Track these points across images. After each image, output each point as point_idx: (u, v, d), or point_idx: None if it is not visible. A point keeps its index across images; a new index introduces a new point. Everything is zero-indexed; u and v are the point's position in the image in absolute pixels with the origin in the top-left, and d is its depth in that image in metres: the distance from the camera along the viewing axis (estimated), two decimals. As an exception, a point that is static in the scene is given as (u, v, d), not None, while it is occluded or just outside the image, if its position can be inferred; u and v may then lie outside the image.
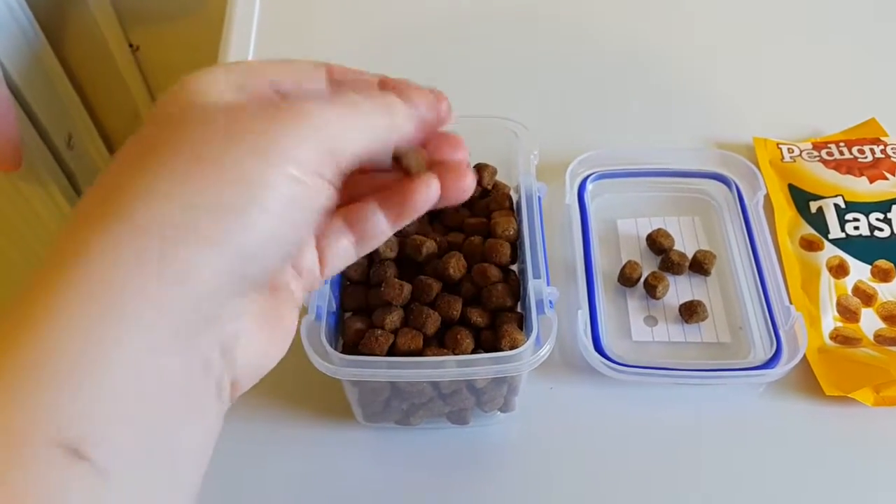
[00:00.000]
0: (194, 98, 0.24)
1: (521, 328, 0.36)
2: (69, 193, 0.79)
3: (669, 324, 0.44)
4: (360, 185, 0.31)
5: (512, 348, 0.33)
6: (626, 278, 0.45)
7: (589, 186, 0.49)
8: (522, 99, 0.57)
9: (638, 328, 0.44)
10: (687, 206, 0.50)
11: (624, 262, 0.46)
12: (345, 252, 0.30)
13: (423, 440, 0.40)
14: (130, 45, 0.83)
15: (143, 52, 0.85)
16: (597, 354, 0.41)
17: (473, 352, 0.35)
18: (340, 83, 0.30)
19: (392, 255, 0.39)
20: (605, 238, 0.48)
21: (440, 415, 0.39)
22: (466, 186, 0.31)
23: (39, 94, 0.74)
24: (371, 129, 0.26)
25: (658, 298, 0.45)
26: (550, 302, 0.36)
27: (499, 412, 0.39)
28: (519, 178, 0.41)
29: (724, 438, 0.41)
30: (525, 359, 0.33)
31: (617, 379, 0.41)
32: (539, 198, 0.41)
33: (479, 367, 0.33)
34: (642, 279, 0.45)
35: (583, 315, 0.42)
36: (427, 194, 0.29)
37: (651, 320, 0.45)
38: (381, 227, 0.30)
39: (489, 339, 0.36)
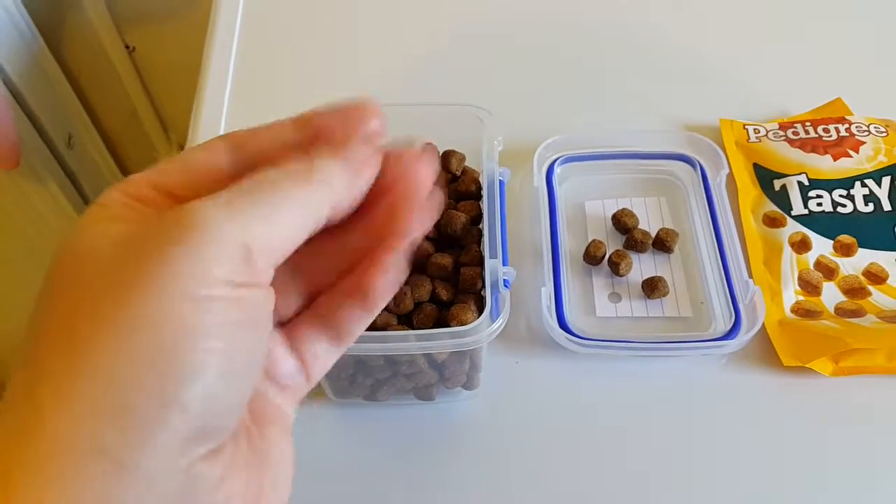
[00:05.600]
0: (80, 257, 0.21)
1: (479, 306, 0.38)
2: (69, 191, 0.81)
3: (633, 300, 0.46)
4: (327, 257, 0.26)
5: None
6: (591, 257, 0.47)
7: (557, 170, 0.51)
8: (491, 85, 0.58)
9: (602, 304, 0.46)
10: (653, 186, 0.51)
11: (589, 241, 0.47)
12: (327, 353, 0.27)
13: (389, 416, 0.42)
14: (127, 47, 0.86)
15: (139, 53, 0.87)
16: (560, 330, 0.42)
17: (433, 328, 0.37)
18: (245, 149, 0.25)
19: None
20: (573, 219, 0.50)
21: (406, 391, 0.40)
22: (424, 175, 0.26)
23: (39, 95, 0.77)
24: (297, 208, 0.22)
25: (622, 275, 0.46)
26: (506, 281, 0.37)
27: (462, 389, 0.41)
28: (482, 163, 0.43)
29: (686, 409, 0.42)
30: (479, 333, 0.35)
31: (581, 353, 0.43)
32: (502, 182, 0.42)
33: (436, 341, 0.34)
34: (607, 257, 0.47)
35: (547, 292, 0.44)
36: (388, 277, 0.25)
37: (615, 297, 0.46)
38: (355, 317, 0.26)
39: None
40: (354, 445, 0.41)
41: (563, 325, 0.43)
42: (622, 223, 0.48)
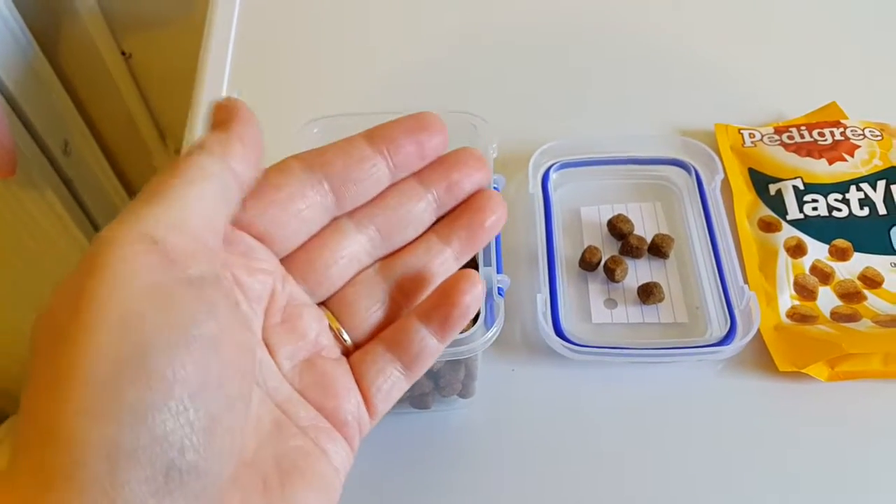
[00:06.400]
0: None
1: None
2: (66, 198, 0.81)
3: (629, 306, 0.46)
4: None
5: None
6: (587, 263, 0.47)
7: (553, 176, 0.51)
8: (486, 91, 0.58)
9: (598, 310, 0.46)
10: (649, 192, 0.51)
11: (585, 247, 0.47)
12: (394, 384, 0.27)
13: (385, 424, 0.41)
14: (123, 53, 0.86)
15: (136, 59, 0.87)
16: (555, 336, 0.42)
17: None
18: (321, 168, 0.26)
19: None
20: (569, 225, 0.50)
21: (402, 399, 0.40)
22: (499, 220, 0.28)
23: (34, 102, 0.77)
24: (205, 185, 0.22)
25: (617, 281, 0.46)
26: (500, 289, 0.37)
27: (458, 397, 0.41)
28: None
29: (683, 415, 0.42)
30: (472, 342, 0.35)
31: (577, 360, 0.43)
32: (496, 189, 0.42)
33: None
34: (602, 263, 0.47)
35: (542, 299, 0.44)
36: (472, 295, 0.25)
37: (611, 303, 0.46)
38: (429, 345, 0.26)
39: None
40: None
41: (558, 331, 0.43)
42: (618, 229, 0.48)
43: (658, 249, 0.47)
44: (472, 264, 0.39)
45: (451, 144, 0.45)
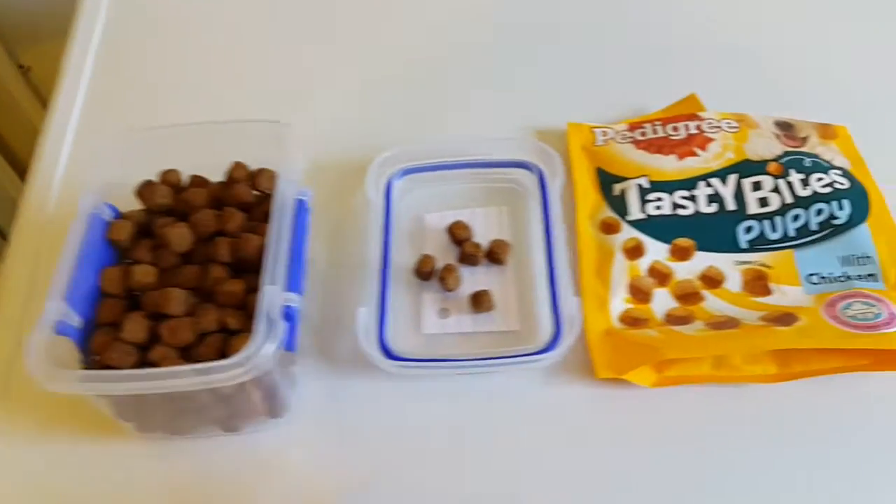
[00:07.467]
0: None
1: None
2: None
3: (462, 315, 0.45)
4: None
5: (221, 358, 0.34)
6: (421, 272, 0.45)
7: (398, 182, 0.50)
8: (330, 97, 0.57)
9: (430, 321, 0.44)
10: (497, 195, 0.50)
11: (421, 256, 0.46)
12: None
13: (196, 449, 0.40)
14: (21, 66, 0.85)
15: (35, 72, 0.86)
16: (375, 352, 0.41)
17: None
18: None
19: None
20: (413, 233, 0.48)
21: (211, 423, 0.39)
22: None
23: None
24: None
25: (451, 290, 0.45)
26: (291, 308, 0.36)
27: (269, 418, 0.40)
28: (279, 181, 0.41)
29: (508, 425, 0.41)
30: (228, 371, 0.33)
31: (401, 374, 0.41)
32: (303, 202, 0.41)
33: (184, 378, 0.33)
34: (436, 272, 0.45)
35: (365, 313, 0.42)
36: None
37: (444, 312, 0.45)
38: None
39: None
40: (160, 482, 0.40)
41: (383, 346, 0.42)
42: (456, 236, 0.47)
43: (495, 256, 0.46)
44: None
45: (257, 155, 0.44)
